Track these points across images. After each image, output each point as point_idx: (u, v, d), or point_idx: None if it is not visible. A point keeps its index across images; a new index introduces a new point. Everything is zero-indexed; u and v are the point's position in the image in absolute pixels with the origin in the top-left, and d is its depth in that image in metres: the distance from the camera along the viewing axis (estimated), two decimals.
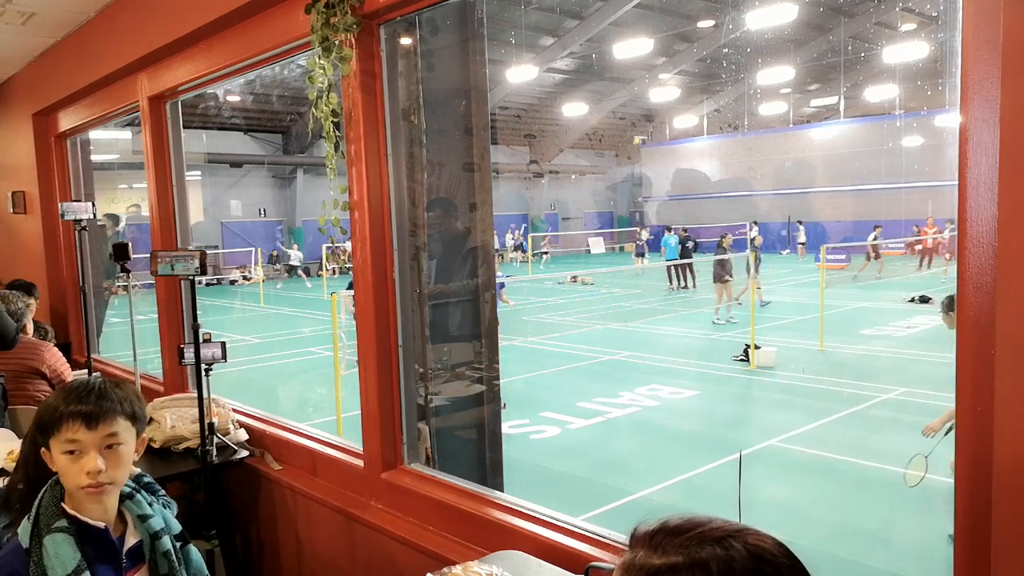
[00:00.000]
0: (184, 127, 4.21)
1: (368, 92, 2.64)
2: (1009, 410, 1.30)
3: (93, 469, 1.53)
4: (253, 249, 26.54)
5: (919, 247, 22.65)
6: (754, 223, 25.29)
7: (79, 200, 5.50)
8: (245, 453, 3.35)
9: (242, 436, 3.44)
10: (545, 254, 31.47)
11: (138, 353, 4.33)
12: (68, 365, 4.33)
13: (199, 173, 26.36)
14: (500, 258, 28.73)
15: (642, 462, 7.04)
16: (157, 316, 4.19)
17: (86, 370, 4.43)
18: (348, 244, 2.80)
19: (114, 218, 8.42)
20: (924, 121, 26.83)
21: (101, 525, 1.59)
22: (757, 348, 10.35)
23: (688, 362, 11.04)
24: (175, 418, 3.39)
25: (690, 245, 20.02)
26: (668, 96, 31.23)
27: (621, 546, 2.02)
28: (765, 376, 9.94)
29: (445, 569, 1.88)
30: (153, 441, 3.31)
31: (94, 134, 5.91)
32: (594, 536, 2.12)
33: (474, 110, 2.83)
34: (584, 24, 22.45)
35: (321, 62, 2.60)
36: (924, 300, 14.49)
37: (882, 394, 8.28)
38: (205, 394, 3.16)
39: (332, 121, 2.63)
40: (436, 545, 2.44)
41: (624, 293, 20.00)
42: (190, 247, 4.08)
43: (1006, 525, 1.32)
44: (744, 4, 20.66)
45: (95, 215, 4.74)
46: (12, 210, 6.16)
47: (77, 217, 4.31)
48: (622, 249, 34.28)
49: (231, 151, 27.50)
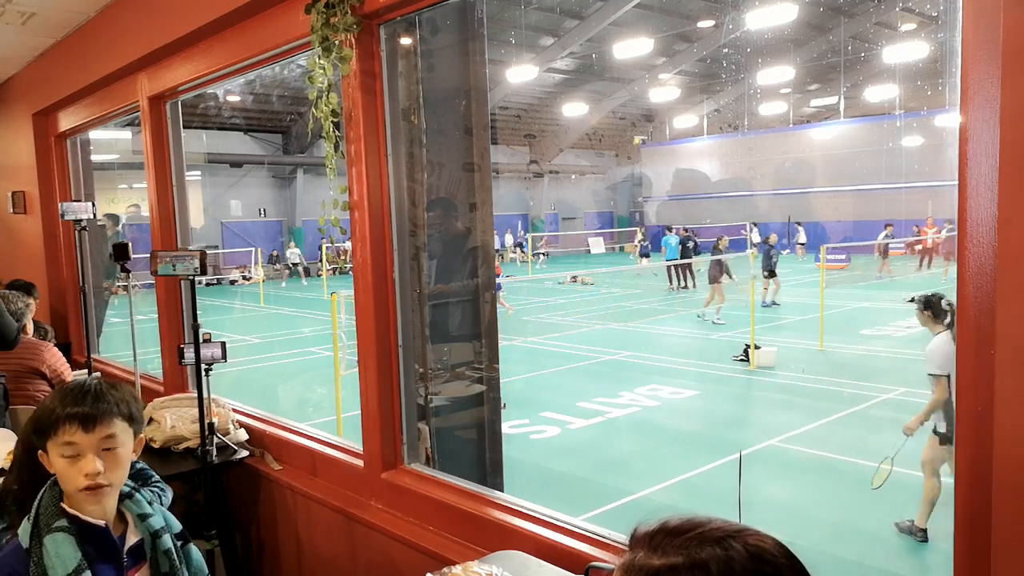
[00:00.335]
0: (184, 127, 4.21)
1: (368, 92, 2.64)
2: (1009, 410, 1.30)
3: (91, 471, 1.53)
4: (253, 249, 26.54)
5: (919, 247, 22.64)
6: (754, 224, 25.28)
7: (79, 200, 5.50)
8: (245, 453, 3.35)
9: (242, 436, 3.44)
10: (543, 254, 31.52)
11: (138, 353, 4.33)
12: (68, 365, 4.33)
13: (199, 173, 26.35)
14: (500, 257, 28.75)
15: (642, 462, 7.04)
16: (157, 316, 4.19)
17: (86, 370, 4.43)
18: (348, 244, 2.80)
19: (114, 218, 8.42)
20: (924, 121, 26.82)
21: (102, 523, 1.59)
22: (757, 348, 10.35)
23: (688, 362, 11.04)
24: (175, 418, 3.39)
25: (690, 245, 20.03)
26: (668, 96, 31.22)
27: (621, 546, 2.02)
28: (765, 376, 9.94)
29: (445, 569, 1.88)
30: (153, 441, 3.31)
31: (94, 134, 5.91)
32: (594, 536, 2.12)
33: (474, 110, 2.83)
34: (584, 24, 22.44)
35: (321, 62, 2.60)
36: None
37: (882, 394, 8.28)
38: (205, 394, 3.17)
39: (332, 121, 2.63)
40: (436, 545, 2.44)
41: (624, 293, 20.00)
42: (190, 247, 4.09)
43: (1006, 525, 1.32)
44: (744, 4, 20.66)
45: (95, 215, 4.74)
46: (12, 210, 6.16)
47: (77, 217, 4.31)
48: (622, 249, 34.29)
49: (231, 151, 27.49)
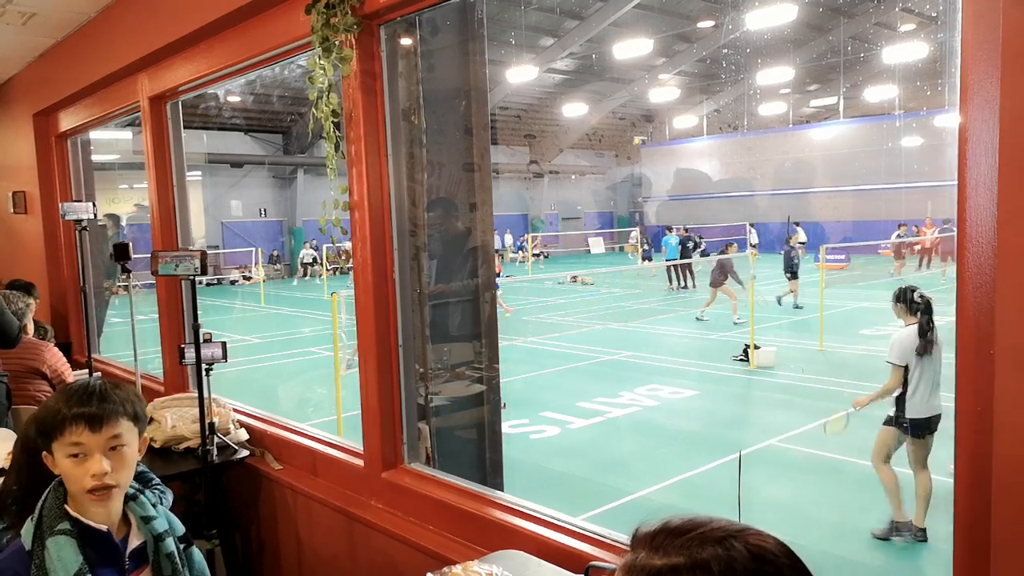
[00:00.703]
0: (184, 127, 4.21)
1: (368, 92, 2.64)
2: (1009, 410, 1.30)
3: (99, 472, 1.53)
4: (253, 249, 26.54)
5: (918, 247, 22.63)
6: (751, 225, 25.22)
7: (80, 200, 5.50)
8: (245, 453, 3.35)
9: (242, 436, 3.44)
10: (542, 255, 31.51)
11: (139, 353, 4.33)
12: (68, 365, 4.34)
13: (200, 173, 26.36)
14: (500, 257, 28.76)
15: (642, 462, 7.04)
16: (158, 316, 4.20)
17: (87, 370, 4.43)
18: (348, 244, 2.80)
19: (114, 218, 8.43)
20: (923, 121, 26.81)
21: (103, 528, 1.59)
22: (757, 348, 10.35)
23: (688, 362, 11.04)
24: (176, 418, 3.39)
25: (690, 245, 20.03)
26: (668, 96, 31.22)
27: (620, 546, 2.03)
28: (765, 376, 9.94)
29: (445, 569, 1.88)
30: (154, 441, 3.31)
31: (95, 134, 5.91)
32: (594, 536, 2.12)
33: (474, 110, 2.84)
34: (584, 25, 22.44)
35: (321, 62, 2.60)
36: None
37: None
38: (205, 394, 3.17)
39: (332, 121, 2.63)
40: (436, 545, 2.44)
41: (624, 293, 20.00)
42: (191, 247, 4.09)
43: (1006, 525, 1.32)
44: (744, 4, 20.66)
45: (96, 215, 4.74)
46: (13, 210, 6.16)
47: (78, 217, 4.31)
48: (622, 249, 34.29)
49: (231, 151, 27.49)
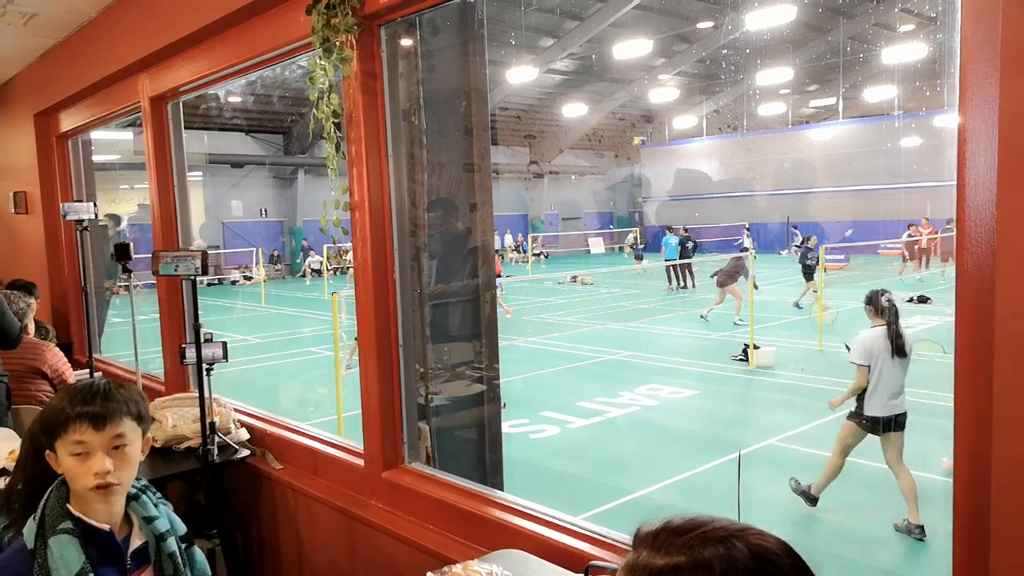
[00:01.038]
0: (185, 128, 4.21)
1: (369, 93, 2.65)
2: (1008, 410, 1.30)
3: (101, 470, 1.54)
4: (254, 249, 26.54)
5: (917, 247, 22.64)
6: (747, 228, 25.13)
7: (81, 200, 5.50)
8: (246, 452, 3.35)
9: (243, 435, 3.44)
10: (542, 255, 31.40)
11: (139, 353, 4.34)
12: (69, 365, 4.34)
13: (200, 173, 26.36)
14: (500, 257, 28.75)
15: (642, 462, 7.04)
16: (158, 316, 4.20)
17: (88, 370, 4.44)
18: (348, 244, 2.81)
19: (115, 218, 8.43)
20: (923, 122, 26.81)
21: (106, 527, 1.59)
22: (756, 348, 10.35)
23: (687, 362, 11.05)
24: (176, 417, 3.40)
25: (690, 246, 20.03)
26: (667, 97, 31.22)
27: (620, 545, 2.03)
28: (764, 376, 9.94)
29: (446, 568, 1.89)
30: (154, 440, 3.31)
31: (95, 134, 5.91)
32: (594, 535, 2.13)
33: (474, 111, 2.84)
34: (584, 25, 22.45)
35: (322, 63, 2.60)
36: (923, 300, 14.49)
37: None
38: (206, 394, 3.17)
39: (333, 122, 2.64)
40: (437, 544, 2.45)
41: (624, 293, 20.00)
42: (191, 247, 4.09)
43: (1006, 525, 1.32)
44: (743, 5, 20.67)
45: (97, 215, 4.75)
46: (13, 210, 6.17)
47: (79, 217, 4.32)
48: (621, 249, 34.31)
49: (232, 152, 27.49)
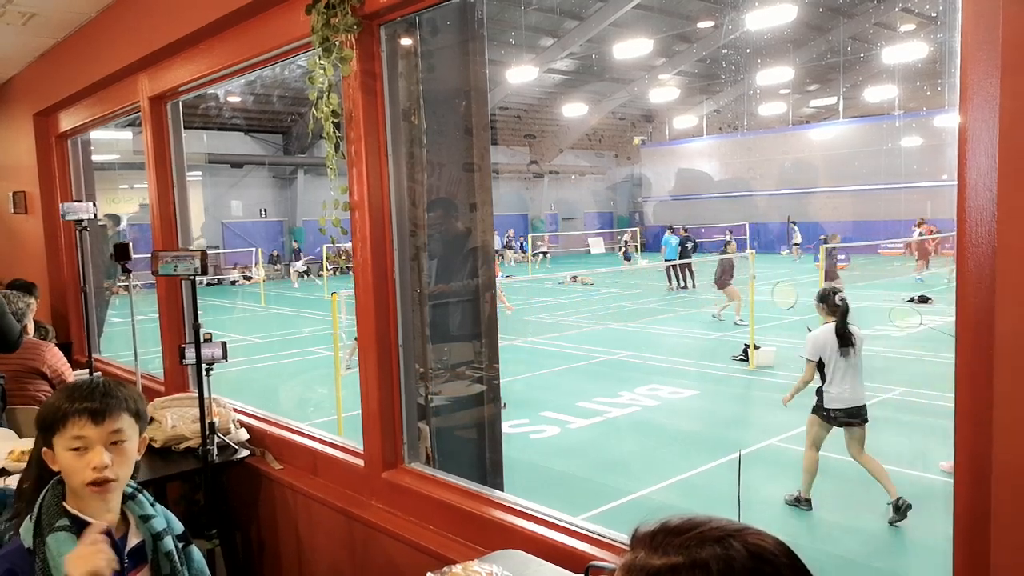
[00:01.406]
0: (185, 127, 4.21)
1: (368, 92, 2.65)
2: (1009, 410, 1.30)
3: (99, 464, 1.55)
4: (254, 249, 26.54)
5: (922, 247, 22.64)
6: (729, 231, 24.74)
7: (80, 200, 5.50)
8: (246, 453, 3.35)
9: (243, 436, 3.44)
10: (544, 254, 31.20)
11: (139, 353, 4.33)
12: (69, 365, 4.34)
13: (200, 173, 26.38)
14: (501, 257, 28.72)
15: (642, 462, 7.04)
16: (158, 316, 4.20)
17: (87, 370, 4.44)
18: (348, 244, 2.81)
19: (115, 218, 8.43)
20: (923, 121, 26.82)
21: (103, 525, 1.60)
22: (756, 348, 10.35)
23: (687, 362, 11.04)
24: (176, 418, 3.39)
25: (689, 246, 20.02)
26: (668, 96, 31.24)
27: (620, 545, 2.03)
28: (764, 376, 9.94)
29: (445, 568, 1.88)
30: (154, 441, 3.31)
31: (95, 134, 5.91)
32: (594, 535, 2.12)
33: (474, 110, 2.84)
34: (584, 25, 22.46)
35: (321, 62, 2.60)
36: (923, 300, 14.49)
37: (881, 394, 8.27)
38: (206, 394, 3.17)
39: (332, 121, 2.63)
40: (436, 544, 2.45)
41: (624, 293, 20.00)
42: (191, 247, 4.09)
43: (1006, 525, 1.32)
44: (744, 5, 20.67)
45: (96, 215, 4.75)
46: (13, 210, 6.17)
47: (78, 217, 4.32)
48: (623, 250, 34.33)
49: (232, 151, 27.50)
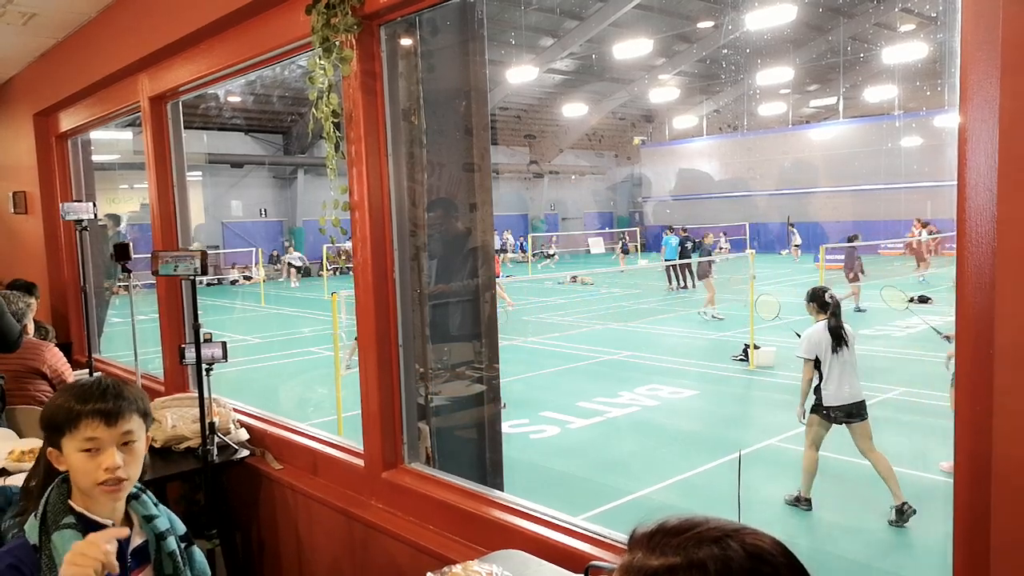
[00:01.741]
0: (185, 127, 4.21)
1: (368, 92, 2.65)
2: (1009, 410, 1.30)
3: (112, 465, 1.55)
4: (254, 249, 26.54)
5: (921, 247, 22.63)
6: (724, 234, 24.75)
7: (80, 200, 5.50)
8: (246, 453, 3.35)
9: (243, 436, 3.44)
10: (551, 256, 30.07)
11: (139, 353, 4.33)
12: (69, 365, 4.34)
13: (200, 173, 26.38)
14: (501, 258, 28.63)
15: (641, 462, 7.04)
16: (158, 316, 4.20)
17: (87, 370, 4.44)
18: (348, 244, 2.81)
19: (115, 218, 8.43)
20: (923, 121, 26.83)
21: (109, 523, 1.60)
22: (756, 348, 10.35)
23: (687, 362, 11.05)
24: (176, 418, 3.39)
25: (689, 246, 20.02)
26: (668, 96, 31.25)
27: (620, 545, 2.02)
28: (764, 376, 9.94)
29: (445, 568, 1.88)
30: (154, 441, 3.31)
31: (95, 134, 5.91)
32: (594, 535, 2.13)
33: (474, 110, 2.84)
34: (584, 25, 22.46)
35: (321, 63, 2.60)
36: (923, 300, 14.48)
37: (881, 394, 8.27)
38: (206, 394, 3.17)
39: (332, 121, 2.64)
40: (436, 544, 2.45)
41: (624, 293, 20.00)
42: (191, 247, 4.09)
43: (1006, 525, 1.32)
44: (744, 5, 20.68)
45: (96, 215, 4.75)
46: (13, 210, 6.17)
47: (78, 217, 4.32)
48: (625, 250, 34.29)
49: (232, 151, 27.51)
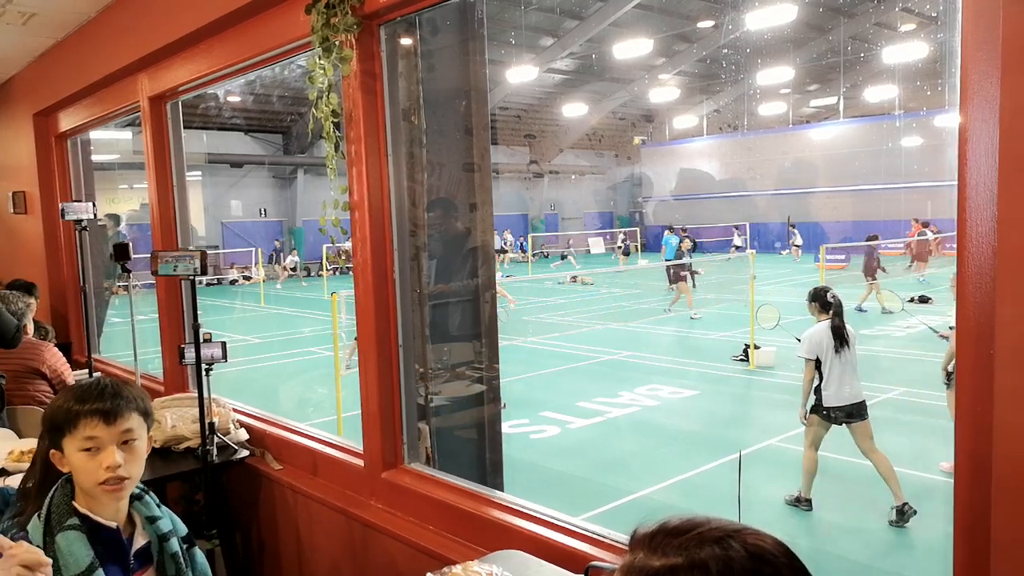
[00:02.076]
0: (184, 127, 4.21)
1: (368, 92, 2.64)
2: (1009, 410, 1.30)
3: (112, 463, 1.55)
4: (253, 249, 26.54)
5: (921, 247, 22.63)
6: (735, 227, 24.71)
7: (80, 200, 5.50)
8: (245, 453, 3.35)
9: (242, 436, 3.44)
10: (563, 256, 29.04)
11: (139, 353, 4.33)
12: (68, 365, 4.34)
13: (200, 173, 26.38)
14: (501, 257, 28.57)
15: (642, 462, 7.04)
16: (158, 316, 4.20)
17: (87, 370, 4.43)
18: (348, 244, 2.80)
19: (115, 218, 8.43)
20: (923, 121, 26.82)
21: (113, 525, 1.60)
22: (756, 348, 10.35)
23: (688, 362, 11.04)
24: (176, 418, 3.39)
25: (689, 246, 20.01)
26: (668, 96, 31.25)
27: (620, 546, 2.02)
28: (764, 376, 9.94)
29: (445, 569, 1.88)
30: (154, 441, 3.29)
31: (94, 134, 5.91)
32: (594, 536, 2.12)
33: (474, 110, 2.84)
34: (584, 25, 22.46)
35: (321, 62, 2.60)
36: (924, 300, 14.48)
37: (881, 394, 8.27)
38: (205, 394, 3.17)
39: (332, 121, 2.63)
40: (436, 544, 2.44)
41: (624, 293, 20.00)
42: (190, 247, 4.09)
43: (1006, 525, 1.32)
44: (744, 4, 20.68)
45: (96, 215, 4.75)
46: (13, 210, 6.16)
47: (78, 217, 4.32)
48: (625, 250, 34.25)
49: (231, 151, 27.51)
